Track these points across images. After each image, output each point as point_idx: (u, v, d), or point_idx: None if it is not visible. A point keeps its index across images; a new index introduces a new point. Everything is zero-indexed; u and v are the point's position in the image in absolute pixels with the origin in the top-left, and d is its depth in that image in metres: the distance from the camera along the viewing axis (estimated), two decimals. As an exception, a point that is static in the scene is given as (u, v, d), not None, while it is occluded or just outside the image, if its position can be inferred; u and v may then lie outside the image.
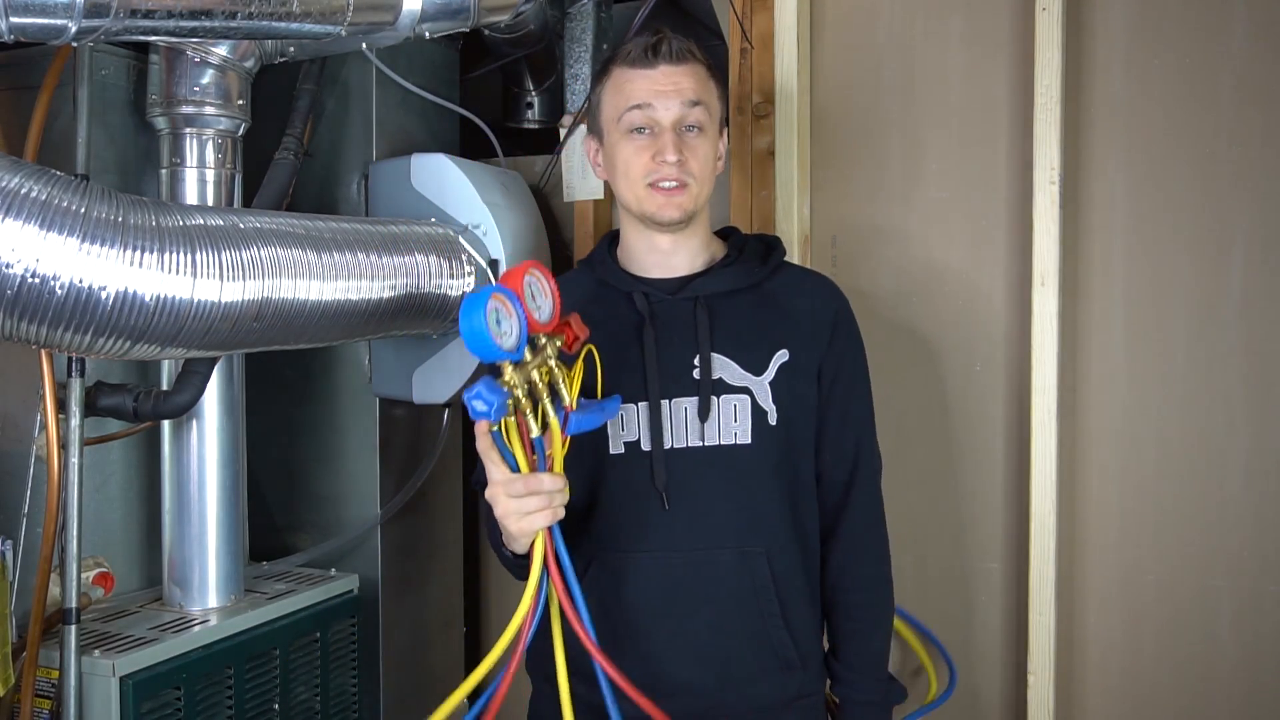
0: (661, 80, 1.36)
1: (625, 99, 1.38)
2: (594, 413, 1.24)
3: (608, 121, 1.41)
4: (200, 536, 1.75)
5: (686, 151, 1.37)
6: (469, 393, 1.12)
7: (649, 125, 1.37)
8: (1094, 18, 1.81)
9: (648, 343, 1.38)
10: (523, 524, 1.17)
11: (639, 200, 1.39)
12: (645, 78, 1.37)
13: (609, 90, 1.41)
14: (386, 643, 2.05)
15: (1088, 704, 1.86)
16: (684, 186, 1.37)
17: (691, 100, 1.36)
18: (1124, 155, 1.80)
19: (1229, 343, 1.75)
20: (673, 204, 1.38)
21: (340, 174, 2.02)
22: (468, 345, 1.12)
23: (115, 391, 1.64)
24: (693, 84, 1.37)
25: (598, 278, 1.47)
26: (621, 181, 1.41)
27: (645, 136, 1.37)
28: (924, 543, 1.95)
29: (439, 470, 2.15)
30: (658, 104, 1.36)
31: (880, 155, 1.98)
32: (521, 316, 1.16)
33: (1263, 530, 1.73)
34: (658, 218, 1.39)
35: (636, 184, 1.38)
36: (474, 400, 1.11)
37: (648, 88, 1.36)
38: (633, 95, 1.37)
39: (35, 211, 1.17)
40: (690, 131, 1.38)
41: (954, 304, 1.92)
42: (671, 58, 1.37)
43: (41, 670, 1.54)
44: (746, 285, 1.43)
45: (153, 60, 1.69)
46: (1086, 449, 1.84)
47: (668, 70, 1.36)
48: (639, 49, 1.37)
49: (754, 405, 1.38)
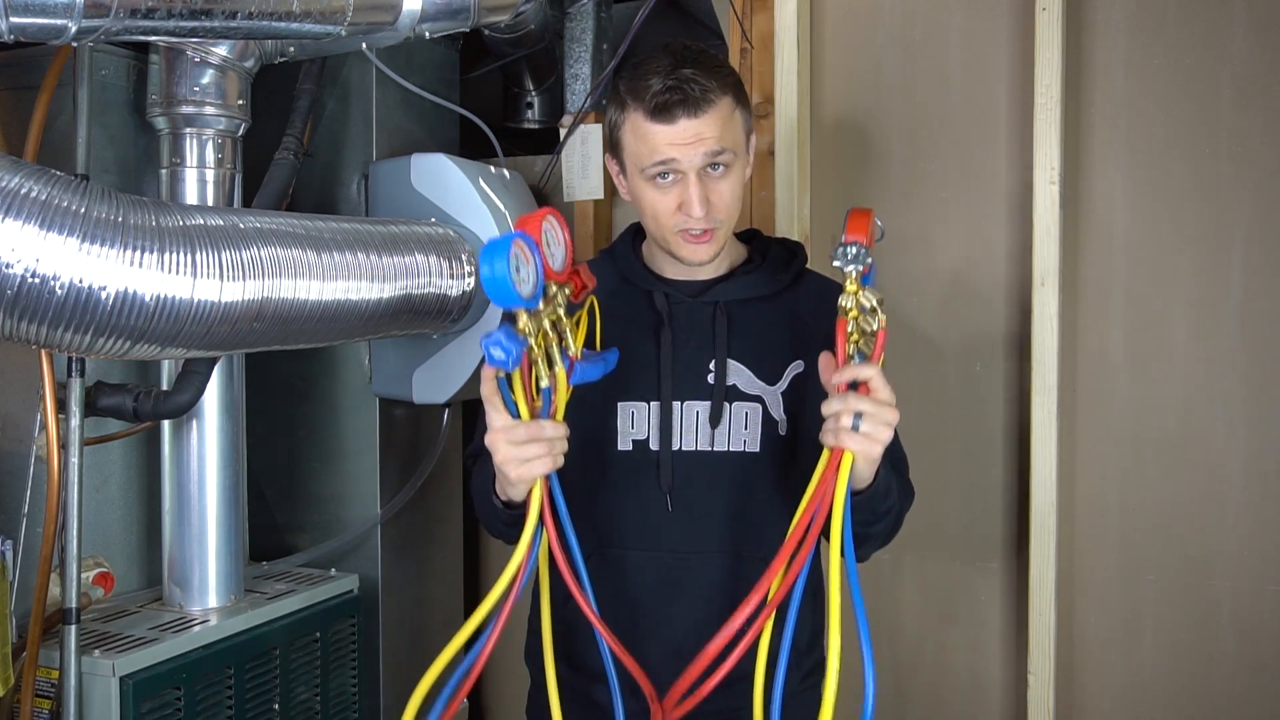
0: (682, 135, 1.30)
1: (648, 152, 1.32)
2: (596, 363, 1.25)
3: (629, 161, 1.37)
4: (200, 536, 1.75)
5: (713, 196, 1.33)
6: (486, 339, 1.11)
7: (673, 172, 1.33)
8: (1094, 18, 1.81)
9: (664, 343, 1.38)
10: (522, 470, 1.16)
11: (666, 242, 1.37)
12: (665, 134, 1.31)
13: (628, 132, 1.35)
14: (386, 643, 2.05)
15: (1088, 704, 1.86)
16: (711, 231, 1.34)
17: (715, 149, 1.31)
18: (1124, 155, 1.80)
19: (1229, 343, 1.75)
20: (701, 250, 1.35)
21: (340, 174, 2.02)
22: (487, 291, 1.11)
23: (115, 391, 1.64)
24: (716, 131, 1.31)
25: (620, 272, 1.47)
26: (649, 221, 1.38)
27: (669, 183, 1.33)
28: (924, 543, 1.95)
29: (439, 470, 2.15)
30: (680, 157, 1.31)
31: (880, 155, 1.98)
32: (539, 263, 1.15)
33: (1263, 530, 1.73)
34: (687, 261, 1.37)
35: (664, 229, 1.35)
36: (491, 347, 1.11)
37: (667, 143, 1.31)
38: (655, 150, 1.31)
39: (35, 211, 1.17)
40: (715, 170, 1.33)
41: (954, 304, 1.92)
42: (690, 111, 1.30)
43: (41, 670, 1.54)
44: (768, 293, 1.43)
45: (153, 60, 1.69)
46: (1086, 449, 1.84)
47: (688, 124, 1.30)
48: (658, 100, 1.30)
49: (765, 414, 1.37)
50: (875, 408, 1.14)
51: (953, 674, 1.95)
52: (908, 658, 1.98)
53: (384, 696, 2.04)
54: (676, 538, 1.37)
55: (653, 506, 1.36)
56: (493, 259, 1.10)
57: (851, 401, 1.14)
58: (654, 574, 1.37)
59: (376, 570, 2.03)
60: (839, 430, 1.15)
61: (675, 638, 1.35)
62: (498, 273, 1.10)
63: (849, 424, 1.14)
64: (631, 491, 1.37)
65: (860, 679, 1.14)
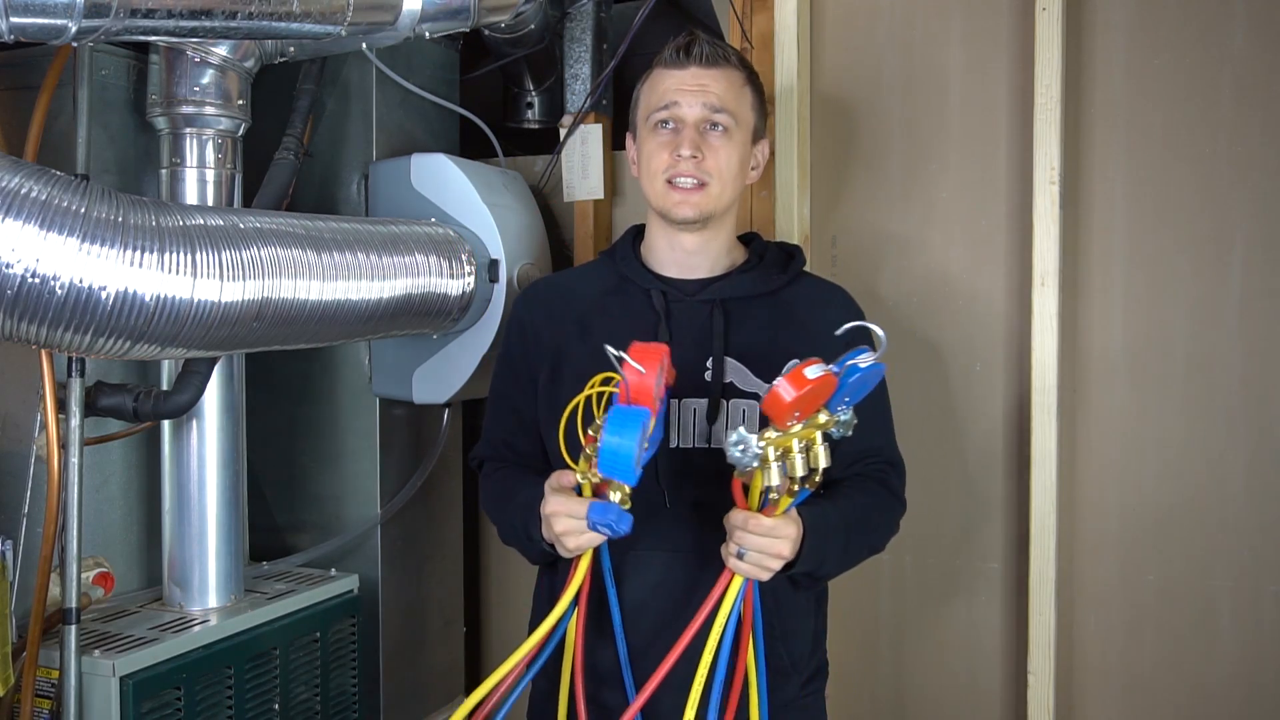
0: (689, 80, 1.39)
1: (656, 98, 1.41)
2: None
3: (640, 119, 1.44)
4: (200, 536, 1.75)
5: (706, 150, 1.38)
6: (599, 517, 1.18)
7: (673, 121, 1.39)
8: (1094, 18, 1.81)
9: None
10: (581, 540, 1.24)
11: (658, 196, 1.41)
12: (674, 77, 1.40)
13: (645, 90, 1.45)
14: (386, 643, 2.05)
15: (1088, 704, 1.86)
16: (702, 186, 1.38)
17: (716, 105, 1.38)
18: (1124, 155, 1.80)
19: (1229, 343, 1.75)
20: (689, 202, 1.39)
21: (340, 174, 2.02)
22: (602, 460, 1.13)
23: (115, 391, 1.63)
24: (721, 88, 1.39)
25: (619, 271, 1.48)
26: (645, 177, 1.43)
27: (668, 132, 1.40)
28: (924, 543, 1.95)
29: (439, 470, 2.15)
30: (682, 101, 1.38)
31: (880, 155, 1.98)
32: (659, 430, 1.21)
33: (1263, 530, 1.73)
34: (673, 214, 1.40)
35: (656, 178, 1.40)
36: (601, 527, 1.19)
37: (675, 86, 1.39)
38: (663, 95, 1.40)
39: (35, 211, 1.17)
40: (714, 130, 1.39)
41: (954, 304, 1.92)
42: (703, 60, 1.39)
43: (41, 670, 1.54)
44: (765, 292, 1.44)
45: (153, 60, 1.69)
46: (1086, 449, 1.84)
47: (697, 72, 1.39)
48: (673, 50, 1.41)
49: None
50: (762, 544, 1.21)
51: (952, 674, 1.95)
52: (908, 658, 1.98)
53: (384, 696, 2.04)
54: (676, 534, 1.37)
55: (651, 504, 1.37)
56: (622, 432, 1.10)
57: (737, 535, 1.22)
58: (654, 571, 1.38)
59: (376, 570, 2.03)
60: (729, 556, 1.23)
61: (676, 634, 1.35)
62: (624, 450, 1.10)
63: (735, 551, 1.22)
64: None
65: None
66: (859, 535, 1.40)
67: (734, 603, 1.23)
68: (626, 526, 1.19)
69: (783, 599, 1.38)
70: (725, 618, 1.23)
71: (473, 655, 2.35)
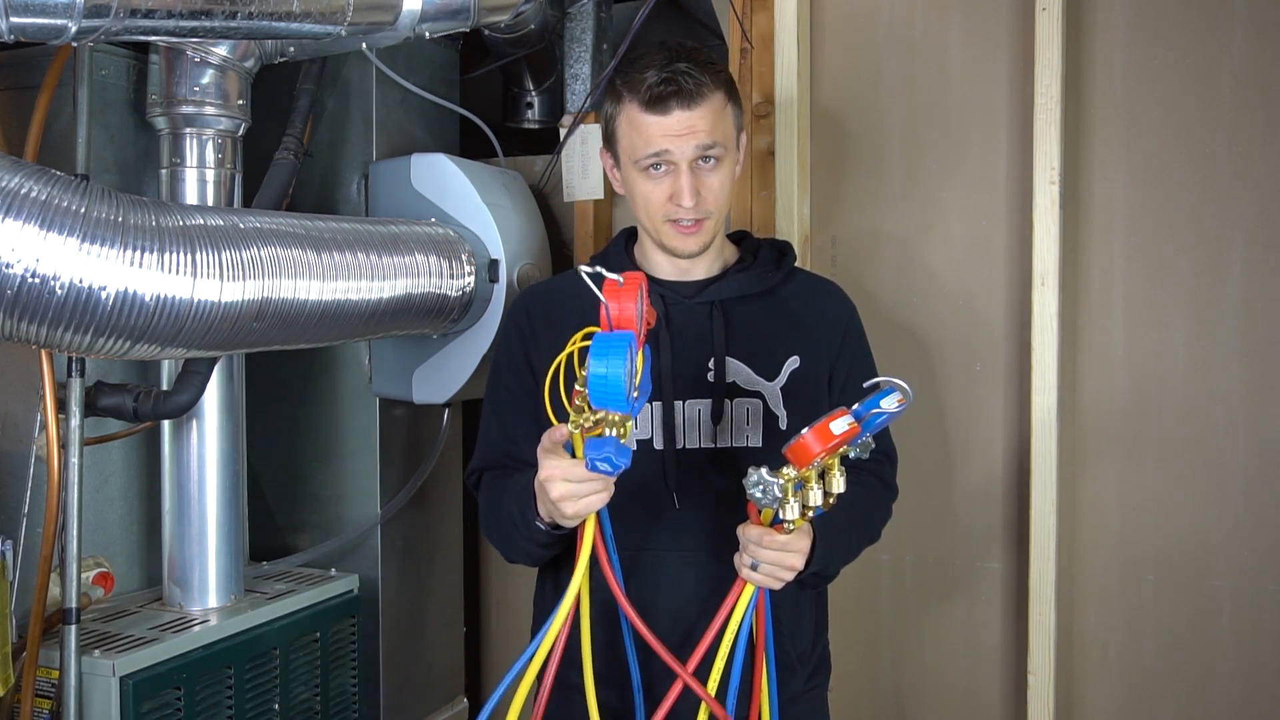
0: (676, 126, 1.34)
1: (642, 143, 1.35)
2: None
3: (623, 153, 1.40)
4: (200, 536, 1.75)
5: (703, 189, 1.36)
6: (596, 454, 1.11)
7: (665, 164, 1.36)
8: (1094, 18, 1.81)
9: (663, 344, 1.39)
10: (579, 505, 1.19)
11: (657, 233, 1.40)
12: (659, 124, 1.34)
13: (623, 124, 1.38)
14: (386, 643, 2.05)
15: (1088, 704, 1.86)
16: (701, 222, 1.37)
17: (707, 142, 1.35)
18: (1124, 155, 1.80)
19: (1229, 343, 1.75)
20: (691, 240, 1.39)
21: (340, 174, 2.02)
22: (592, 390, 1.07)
23: (115, 391, 1.64)
24: (708, 124, 1.34)
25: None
26: (640, 213, 1.41)
27: (662, 173, 1.36)
28: (924, 543, 1.95)
29: (439, 470, 2.15)
30: (673, 148, 1.34)
31: (880, 155, 1.98)
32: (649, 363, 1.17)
33: (1263, 530, 1.73)
34: (677, 252, 1.41)
35: (655, 219, 1.39)
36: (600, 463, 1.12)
37: (660, 133, 1.34)
38: (649, 141, 1.35)
39: (35, 211, 1.17)
40: (707, 163, 1.36)
41: (954, 304, 1.92)
42: (684, 102, 1.33)
43: (41, 670, 1.54)
44: (760, 290, 1.45)
45: (153, 60, 1.69)
46: (1086, 449, 1.84)
47: (681, 116, 1.33)
48: (653, 92, 1.33)
49: (765, 409, 1.40)
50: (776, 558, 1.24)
51: (952, 674, 1.95)
52: (908, 658, 1.98)
53: (384, 696, 2.04)
54: (684, 535, 1.38)
55: (660, 506, 1.38)
56: (608, 358, 1.04)
57: (751, 549, 1.24)
58: (665, 571, 1.38)
59: (376, 570, 2.03)
60: (742, 567, 1.26)
61: (685, 634, 1.36)
62: (612, 376, 1.04)
63: (749, 564, 1.24)
64: (639, 491, 1.37)
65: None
66: (860, 531, 1.43)
67: (746, 610, 1.26)
68: (627, 459, 1.12)
69: (785, 594, 1.39)
70: (738, 625, 1.25)
71: (473, 655, 2.35)
